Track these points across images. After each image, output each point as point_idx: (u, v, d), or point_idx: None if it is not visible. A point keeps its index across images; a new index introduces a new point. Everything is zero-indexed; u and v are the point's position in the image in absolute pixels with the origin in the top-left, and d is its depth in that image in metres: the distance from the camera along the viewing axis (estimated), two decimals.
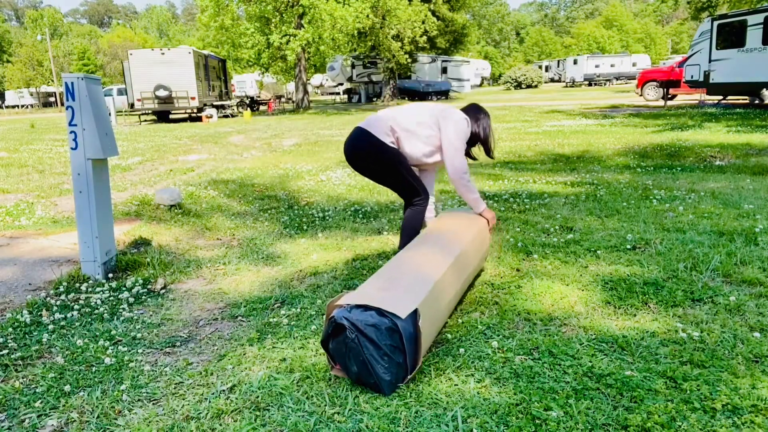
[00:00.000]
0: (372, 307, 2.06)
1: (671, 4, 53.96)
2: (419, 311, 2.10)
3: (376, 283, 2.28)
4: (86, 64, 59.80)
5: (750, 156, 7.37)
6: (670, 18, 77.33)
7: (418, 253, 2.62)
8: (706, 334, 2.37)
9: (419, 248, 2.70)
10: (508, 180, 6.34)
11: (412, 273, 2.38)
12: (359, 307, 2.07)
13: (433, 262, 2.50)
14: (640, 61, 45.51)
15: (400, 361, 2.04)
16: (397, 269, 2.43)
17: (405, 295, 2.15)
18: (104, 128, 3.37)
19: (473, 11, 61.40)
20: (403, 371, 2.06)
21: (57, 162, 9.73)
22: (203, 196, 6.05)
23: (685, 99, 21.08)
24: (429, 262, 2.49)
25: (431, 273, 2.39)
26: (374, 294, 2.15)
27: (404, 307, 2.06)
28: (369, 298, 2.11)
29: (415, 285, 2.26)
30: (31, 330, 2.75)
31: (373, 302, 2.07)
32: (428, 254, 2.60)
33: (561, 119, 14.87)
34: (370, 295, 2.14)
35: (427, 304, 2.19)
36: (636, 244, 3.64)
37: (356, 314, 2.04)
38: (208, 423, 1.91)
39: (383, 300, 2.08)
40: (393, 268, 2.45)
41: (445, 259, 2.56)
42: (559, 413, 1.86)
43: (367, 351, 1.99)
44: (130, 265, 3.70)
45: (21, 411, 2.04)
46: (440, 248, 2.67)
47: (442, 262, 2.51)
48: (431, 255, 2.59)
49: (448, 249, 2.66)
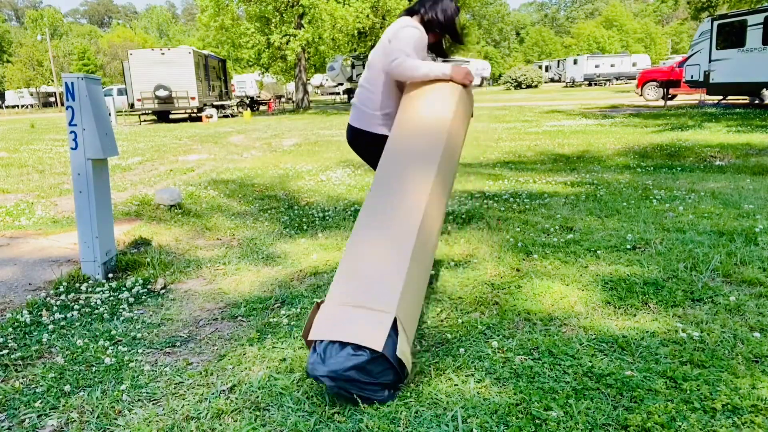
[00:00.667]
0: (347, 342, 1.93)
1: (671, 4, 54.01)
2: (398, 315, 1.98)
3: (345, 288, 2.10)
4: (86, 64, 59.81)
5: (750, 156, 7.37)
6: (670, 18, 77.35)
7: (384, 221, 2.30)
8: (706, 334, 2.37)
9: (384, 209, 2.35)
10: (508, 180, 6.34)
11: (381, 255, 2.15)
12: (333, 343, 1.94)
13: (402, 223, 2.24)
14: (640, 61, 45.49)
15: (391, 378, 1.98)
16: (365, 254, 2.19)
17: (380, 301, 2.00)
18: (104, 128, 3.38)
19: (473, 11, 61.36)
20: (396, 378, 2.02)
21: (57, 162, 9.73)
22: (203, 196, 6.05)
23: (685, 99, 21.08)
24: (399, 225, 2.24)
25: (403, 244, 2.16)
26: (345, 316, 1.99)
27: (380, 331, 1.92)
28: (340, 330, 1.95)
29: (389, 273, 2.08)
30: (31, 330, 2.75)
31: (347, 337, 1.93)
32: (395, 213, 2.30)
33: (561, 119, 14.87)
34: (341, 320, 1.98)
35: (407, 289, 2.06)
36: (636, 244, 3.64)
37: (331, 360, 1.90)
38: (208, 423, 1.91)
39: (357, 332, 1.93)
40: (358, 253, 2.21)
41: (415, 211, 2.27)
42: (559, 413, 1.86)
43: (355, 389, 1.93)
44: (130, 265, 3.70)
45: (21, 411, 2.04)
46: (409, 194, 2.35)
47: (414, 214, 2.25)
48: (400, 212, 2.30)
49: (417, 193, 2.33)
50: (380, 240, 2.22)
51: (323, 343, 1.96)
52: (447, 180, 2.54)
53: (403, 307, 2.04)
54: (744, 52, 15.08)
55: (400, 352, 1.95)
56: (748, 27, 14.92)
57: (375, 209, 2.34)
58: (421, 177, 2.38)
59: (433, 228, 2.37)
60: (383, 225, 2.26)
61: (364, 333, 1.93)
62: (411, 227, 2.21)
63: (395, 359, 1.95)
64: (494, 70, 68.90)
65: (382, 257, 2.16)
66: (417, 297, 2.20)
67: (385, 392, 1.97)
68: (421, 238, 2.23)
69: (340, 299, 2.06)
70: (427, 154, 2.44)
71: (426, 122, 2.56)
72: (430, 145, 2.47)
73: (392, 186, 2.40)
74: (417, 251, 2.17)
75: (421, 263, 2.23)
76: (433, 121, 2.55)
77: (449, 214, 4.69)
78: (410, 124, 2.57)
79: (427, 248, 2.31)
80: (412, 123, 2.57)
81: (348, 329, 1.95)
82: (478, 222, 4.43)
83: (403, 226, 2.22)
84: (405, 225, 2.23)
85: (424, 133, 2.53)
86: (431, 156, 2.44)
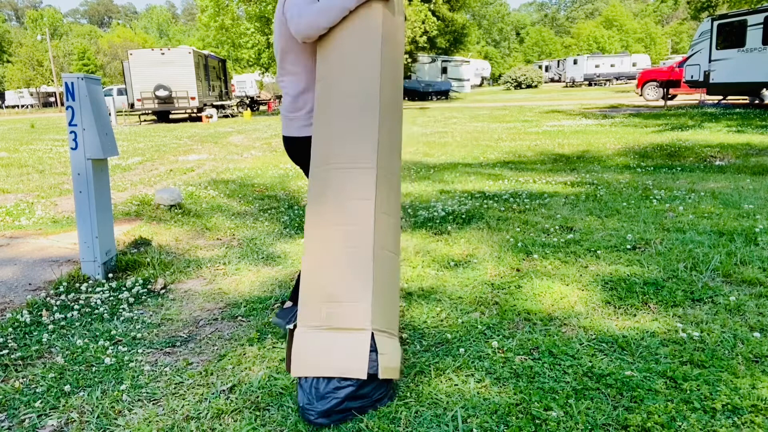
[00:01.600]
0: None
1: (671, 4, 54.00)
2: (375, 326, 1.91)
3: (313, 308, 1.98)
4: (86, 64, 59.80)
5: (750, 156, 7.37)
6: (670, 18, 77.34)
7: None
8: (706, 334, 2.37)
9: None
10: (508, 180, 6.34)
11: (340, 262, 2.00)
12: (317, 378, 1.90)
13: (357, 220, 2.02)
14: (640, 61, 45.50)
15: (384, 390, 1.96)
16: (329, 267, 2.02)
17: (353, 319, 1.91)
18: (104, 128, 3.38)
19: (473, 11, 61.38)
20: (390, 384, 2.00)
21: (57, 162, 9.73)
22: (203, 196, 6.05)
23: (685, 99, 21.08)
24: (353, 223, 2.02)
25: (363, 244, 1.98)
26: (322, 343, 1.92)
27: (361, 355, 1.88)
28: (322, 363, 1.90)
29: (353, 284, 1.96)
30: (31, 330, 2.75)
31: (329, 371, 1.88)
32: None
33: (561, 119, 14.87)
34: (319, 350, 1.92)
35: (377, 292, 1.96)
36: (636, 244, 3.64)
37: (322, 401, 1.86)
38: (208, 423, 1.91)
39: (338, 363, 1.89)
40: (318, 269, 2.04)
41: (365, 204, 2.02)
42: (559, 413, 1.86)
43: (355, 411, 1.89)
44: (130, 265, 3.70)
45: (21, 411, 2.04)
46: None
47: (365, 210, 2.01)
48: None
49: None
50: (334, 244, 2.02)
51: (309, 379, 1.91)
52: (395, 126, 2.19)
53: (378, 312, 1.95)
54: (744, 52, 15.09)
55: (385, 365, 1.91)
56: (748, 27, 14.92)
57: (320, 201, 2.07)
58: (362, 140, 2.05)
59: (390, 196, 2.10)
60: (333, 221, 2.02)
61: (345, 362, 1.88)
62: (364, 216, 1.99)
63: (384, 372, 1.91)
64: (494, 70, 68.96)
65: (342, 263, 1.99)
66: (390, 288, 2.06)
67: (384, 399, 1.97)
68: (380, 224, 2.02)
69: (311, 321, 1.97)
70: (364, 109, 2.07)
71: (352, 72, 2.11)
72: (365, 95, 2.07)
73: (331, 160, 2.08)
74: (378, 241, 1.99)
75: (385, 252, 2.04)
76: (361, 68, 2.10)
77: (449, 214, 4.70)
78: (334, 75, 2.12)
79: (389, 227, 2.08)
80: (337, 72, 2.12)
81: (328, 360, 1.90)
82: (478, 222, 4.43)
83: (354, 217, 2.00)
84: (356, 214, 2.00)
85: (355, 90, 2.10)
86: (369, 108, 2.06)
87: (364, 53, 2.08)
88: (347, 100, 2.09)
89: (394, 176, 2.16)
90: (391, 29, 2.15)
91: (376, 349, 1.90)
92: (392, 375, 1.96)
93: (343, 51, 2.11)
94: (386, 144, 2.10)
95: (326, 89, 2.13)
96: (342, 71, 2.11)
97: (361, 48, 2.09)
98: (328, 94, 2.12)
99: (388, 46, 2.12)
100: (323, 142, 2.12)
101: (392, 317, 2.05)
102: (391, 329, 2.03)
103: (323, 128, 2.13)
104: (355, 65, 2.09)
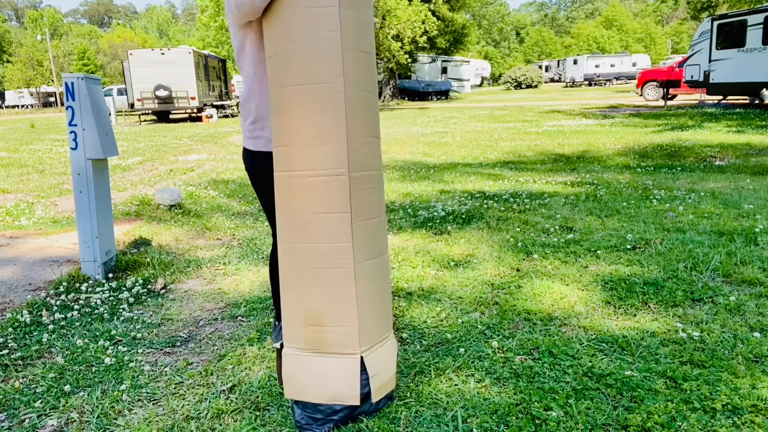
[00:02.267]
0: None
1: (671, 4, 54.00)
2: (363, 349, 1.84)
3: (299, 331, 1.86)
4: (86, 64, 59.79)
5: (750, 156, 7.37)
6: (670, 18, 77.34)
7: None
8: (706, 334, 2.37)
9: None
10: (508, 180, 6.34)
11: (321, 277, 1.81)
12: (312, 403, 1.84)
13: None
14: (640, 61, 45.49)
15: (385, 400, 1.95)
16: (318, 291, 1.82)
17: (342, 344, 1.82)
18: (104, 128, 3.38)
19: (473, 11, 61.39)
20: (390, 393, 2.00)
21: (57, 162, 9.73)
22: (203, 196, 6.05)
23: (685, 99, 21.08)
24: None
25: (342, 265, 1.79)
26: (312, 368, 1.84)
27: (353, 383, 1.82)
28: (314, 388, 1.83)
29: (338, 306, 1.81)
30: (31, 330, 2.75)
31: (322, 398, 1.83)
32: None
33: (561, 119, 14.87)
34: (310, 374, 1.84)
35: (363, 309, 1.83)
36: (636, 244, 3.64)
37: (316, 424, 1.83)
38: (208, 423, 1.91)
39: (332, 390, 1.83)
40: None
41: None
42: (559, 413, 1.86)
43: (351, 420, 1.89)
44: (130, 265, 3.70)
45: (21, 411, 2.04)
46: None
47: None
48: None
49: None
50: (311, 262, 1.79)
51: (302, 410, 1.87)
52: (367, 107, 1.81)
53: (366, 330, 1.85)
54: (744, 52, 15.09)
55: (378, 386, 1.88)
56: (748, 27, 14.93)
57: (288, 212, 1.82)
58: (327, 136, 1.73)
59: (369, 197, 1.83)
60: (306, 238, 1.78)
61: (337, 389, 1.83)
62: (340, 232, 1.76)
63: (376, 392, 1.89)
64: (494, 70, 68.95)
65: (321, 285, 1.80)
66: (379, 296, 1.90)
67: (383, 401, 1.96)
68: (359, 235, 1.79)
69: (297, 343, 1.87)
70: (326, 95, 1.71)
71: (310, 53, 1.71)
72: (326, 75, 1.70)
73: (294, 165, 1.76)
74: (359, 255, 1.79)
75: (369, 263, 1.84)
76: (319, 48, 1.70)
77: (449, 214, 4.69)
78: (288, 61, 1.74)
79: (370, 233, 1.84)
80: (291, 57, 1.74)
81: (320, 387, 1.84)
82: (478, 222, 4.43)
83: (329, 234, 1.76)
84: (331, 231, 1.76)
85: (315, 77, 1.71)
86: (332, 94, 1.71)
87: (319, 19, 1.68)
88: (303, 85, 1.71)
89: (372, 170, 1.83)
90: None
91: (366, 371, 1.84)
92: (386, 390, 1.94)
93: (292, 17, 1.70)
94: (358, 134, 1.75)
95: (278, 68, 1.76)
96: (294, 45, 1.70)
97: (316, 14, 1.68)
98: (280, 75, 1.75)
99: (349, 8, 1.71)
100: (281, 138, 1.79)
101: (383, 322, 1.94)
102: (383, 335, 1.94)
103: (278, 119, 1.78)
104: (309, 36, 1.69)
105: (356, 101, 1.74)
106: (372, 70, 1.82)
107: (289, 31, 1.72)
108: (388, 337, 1.98)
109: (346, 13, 1.69)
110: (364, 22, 1.77)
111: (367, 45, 1.79)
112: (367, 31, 1.79)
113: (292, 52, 1.71)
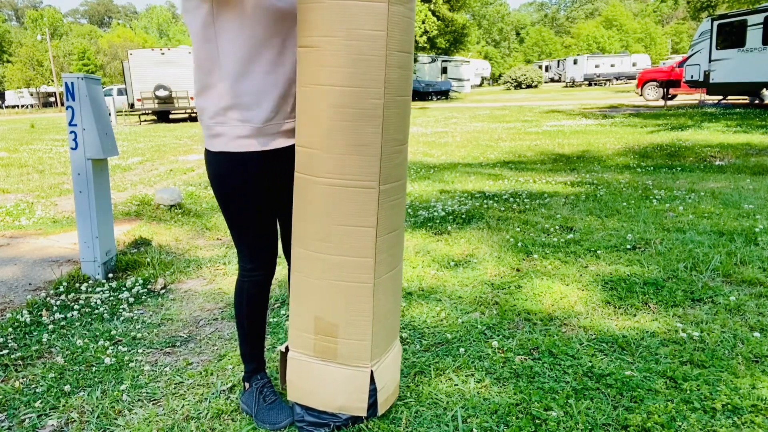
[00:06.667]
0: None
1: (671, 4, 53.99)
2: (373, 363, 1.79)
3: (306, 339, 1.81)
4: (86, 64, 59.76)
5: (750, 156, 7.37)
6: (670, 18, 77.35)
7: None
8: (706, 334, 2.37)
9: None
10: (508, 180, 6.34)
11: (335, 290, 1.73)
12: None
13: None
14: (640, 61, 45.49)
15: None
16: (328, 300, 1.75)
17: (352, 356, 1.77)
18: (104, 128, 3.38)
19: (473, 11, 61.44)
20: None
21: (57, 162, 9.73)
22: (203, 196, 6.05)
23: (685, 99, 21.09)
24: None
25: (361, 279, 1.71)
26: (319, 375, 1.81)
27: (361, 395, 1.79)
28: (320, 394, 1.81)
29: (352, 319, 1.74)
30: (31, 330, 2.75)
31: (329, 406, 1.81)
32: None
33: (561, 119, 14.87)
34: (316, 381, 1.81)
35: (377, 323, 1.78)
36: (636, 244, 3.64)
37: (316, 428, 1.83)
38: (208, 423, 1.91)
39: (339, 400, 1.81)
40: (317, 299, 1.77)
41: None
42: (559, 413, 1.86)
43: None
44: (130, 265, 3.70)
45: (21, 411, 2.04)
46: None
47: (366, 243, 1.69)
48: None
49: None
50: (327, 272, 1.71)
51: (304, 418, 1.86)
52: (401, 118, 1.68)
53: (377, 342, 1.80)
54: (744, 52, 15.09)
55: (384, 399, 1.87)
56: (748, 27, 14.93)
57: (307, 218, 1.71)
58: (361, 146, 1.60)
59: (394, 210, 1.74)
60: (325, 249, 1.69)
61: (343, 400, 1.81)
62: (363, 247, 1.68)
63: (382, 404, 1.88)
64: (494, 70, 68.97)
65: (336, 296, 1.73)
66: (391, 307, 1.86)
67: None
68: (381, 250, 1.71)
69: (304, 349, 1.82)
70: (363, 104, 1.57)
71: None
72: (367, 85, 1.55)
73: (318, 170, 1.63)
74: (379, 271, 1.73)
75: (385, 277, 1.77)
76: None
77: (449, 214, 4.70)
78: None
79: (391, 246, 1.76)
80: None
81: (326, 395, 1.81)
82: (478, 222, 4.43)
83: (351, 248, 1.68)
84: (353, 244, 1.68)
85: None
86: (371, 105, 1.57)
87: (365, 16, 1.51)
88: (338, 87, 1.56)
89: (399, 181, 1.74)
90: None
91: (375, 383, 1.81)
92: (391, 402, 1.93)
93: (333, 9, 1.52)
94: (390, 143, 1.64)
95: (309, 63, 1.60)
96: (332, 41, 1.54)
97: (362, 9, 1.51)
98: (312, 72, 1.60)
99: (397, 3, 1.54)
100: (306, 138, 1.65)
101: (392, 332, 1.91)
102: (391, 344, 1.91)
103: (304, 119, 1.64)
104: (351, 34, 1.52)
105: (393, 107, 1.62)
106: (410, 70, 1.67)
107: (327, 24, 1.53)
108: (395, 344, 1.97)
109: (395, 10, 1.53)
110: (409, 18, 1.61)
111: (409, 45, 1.64)
112: (410, 28, 1.63)
113: (327, 49, 1.54)
